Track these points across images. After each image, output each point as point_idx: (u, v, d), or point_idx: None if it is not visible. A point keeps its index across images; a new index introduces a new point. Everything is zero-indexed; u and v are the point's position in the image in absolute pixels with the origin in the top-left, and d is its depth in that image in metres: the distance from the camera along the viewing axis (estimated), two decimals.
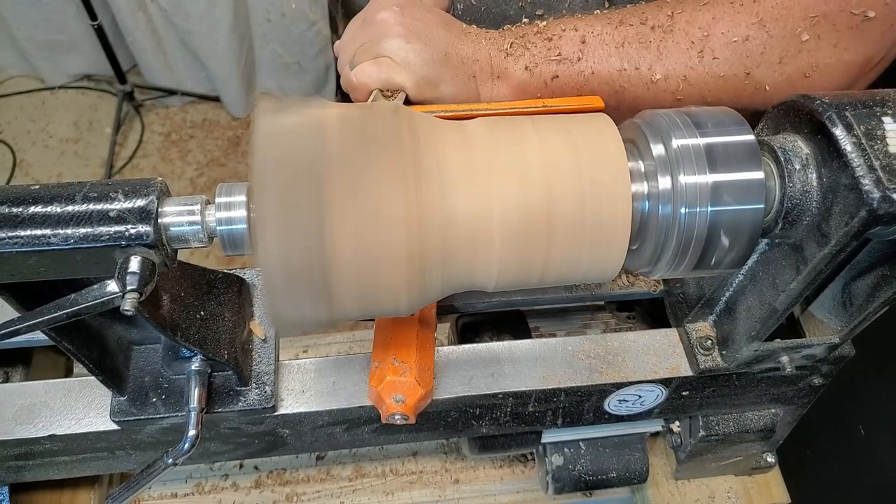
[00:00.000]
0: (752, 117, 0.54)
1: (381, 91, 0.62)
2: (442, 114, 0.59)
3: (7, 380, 0.74)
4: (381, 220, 0.45)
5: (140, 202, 0.45)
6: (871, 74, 0.63)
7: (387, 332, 0.62)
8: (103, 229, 0.44)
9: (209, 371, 0.59)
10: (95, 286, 0.46)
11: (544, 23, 0.65)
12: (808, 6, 0.58)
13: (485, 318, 0.78)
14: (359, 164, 0.45)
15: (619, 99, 0.65)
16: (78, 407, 0.62)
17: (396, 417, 0.59)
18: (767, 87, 0.62)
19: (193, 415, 0.56)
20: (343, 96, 0.70)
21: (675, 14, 0.62)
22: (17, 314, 0.48)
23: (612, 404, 0.69)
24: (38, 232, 0.44)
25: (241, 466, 0.91)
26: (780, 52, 0.60)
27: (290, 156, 0.43)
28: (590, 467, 0.81)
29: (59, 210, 0.44)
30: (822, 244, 0.49)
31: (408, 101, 0.65)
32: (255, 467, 0.91)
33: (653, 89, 0.63)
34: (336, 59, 0.73)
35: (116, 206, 0.45)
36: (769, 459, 0.86)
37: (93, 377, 0.57)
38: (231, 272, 0.64)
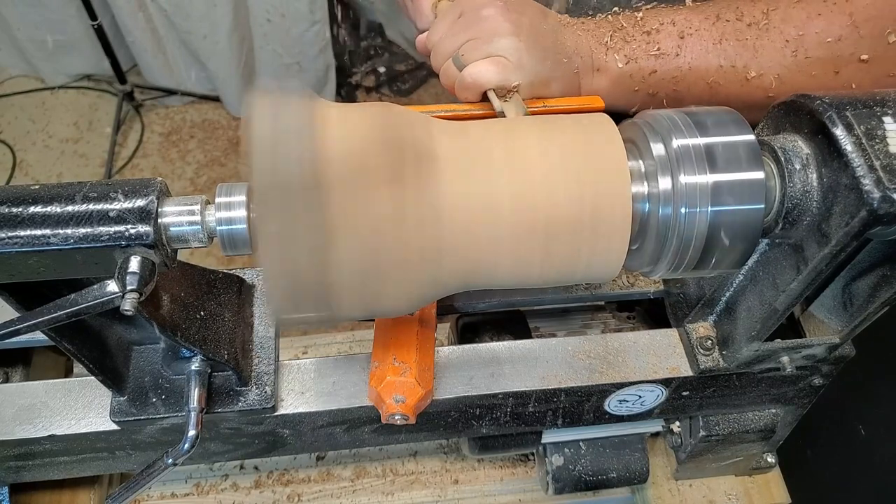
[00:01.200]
0: None
1: (496, 91, 0.61)
2: (441, 114, 0.59)
3: (7, 380, 0.74)
4: (381, 220, 0.45)
5: (140, 202, 0.45)
6: None
7: (387, 332, 0.62)
8: (103, 229, 0.44)
9: (209, 371, 0.59)
10: (95, 286, 0.46)
11: (640, 14, 0.65)
12: None
13: (485, 318, 0.78)
14: (358, 165, 0.45)
15: (711, 94, 0.65)
16: (78, 407, 0.62)
17: (396, 417, 0.59)
18: (854, 86, 0.62)
19: (193, 415, 0.56)
20: (344, 96, 0.69)
21: (769, 11, 0.62)
22: (17, 314, 0.48)
23: (612, 404, 0.69)
24: (38, 232, 0.44)
25: (241, 467, 0.91)
26: (869, 53, 0.60)
27: (290, 159, 0.43)
28: (590, 467, 0.80)
29: (58, 210, 0.44)
30: (823, 244, 0.49)
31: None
32: (255, 467, 0.91)
33: (746, 87, 0.63)
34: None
35: (116, 206, 0.45)
36: (769, 459, 0.86)
37: (93, 377, 0.57)
38: (231, 272, 0.64)
